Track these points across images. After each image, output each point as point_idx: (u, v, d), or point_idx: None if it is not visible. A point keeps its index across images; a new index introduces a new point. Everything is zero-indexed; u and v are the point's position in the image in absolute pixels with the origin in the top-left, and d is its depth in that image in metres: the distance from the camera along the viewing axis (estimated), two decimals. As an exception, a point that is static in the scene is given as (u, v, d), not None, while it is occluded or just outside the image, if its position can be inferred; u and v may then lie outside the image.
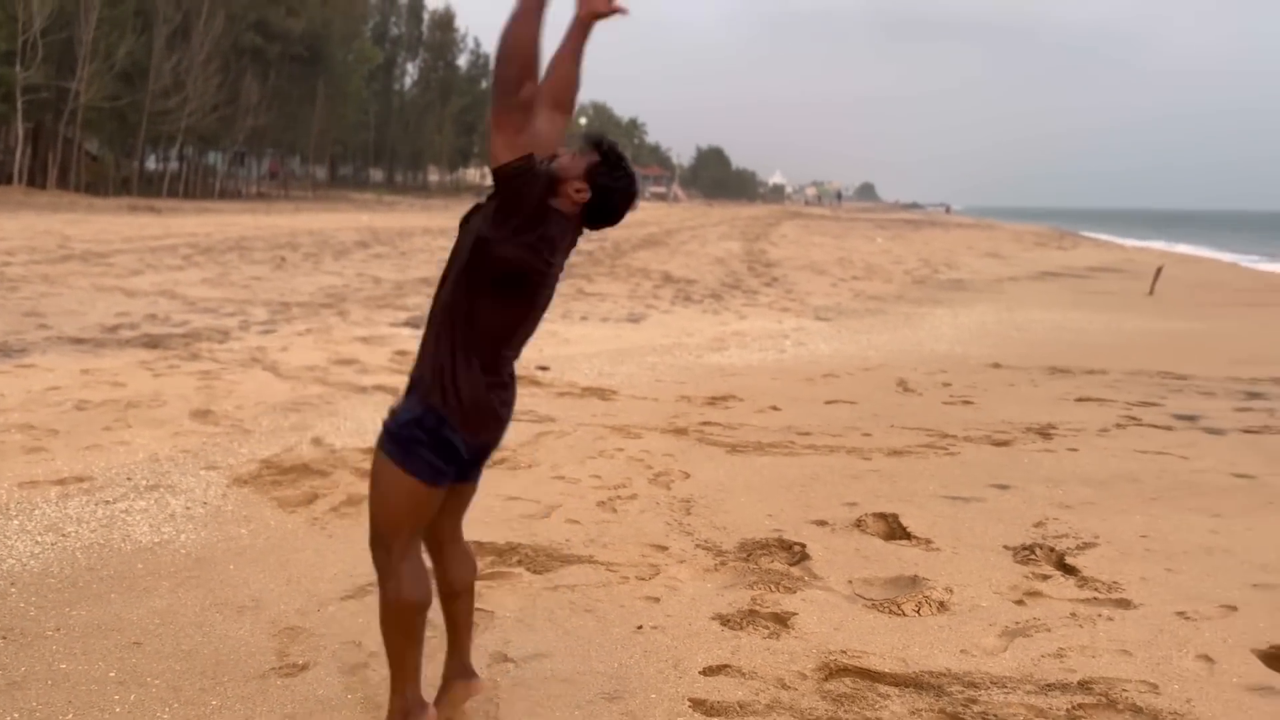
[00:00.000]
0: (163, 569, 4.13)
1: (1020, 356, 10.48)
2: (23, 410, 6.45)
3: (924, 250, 30.83)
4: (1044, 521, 4.96)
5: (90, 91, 43.55)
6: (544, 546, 4.50)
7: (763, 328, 12.43)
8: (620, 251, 25.05)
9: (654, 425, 6.91)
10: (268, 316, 11.17)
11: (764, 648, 3.56)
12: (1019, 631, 3.70)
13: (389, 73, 79.44)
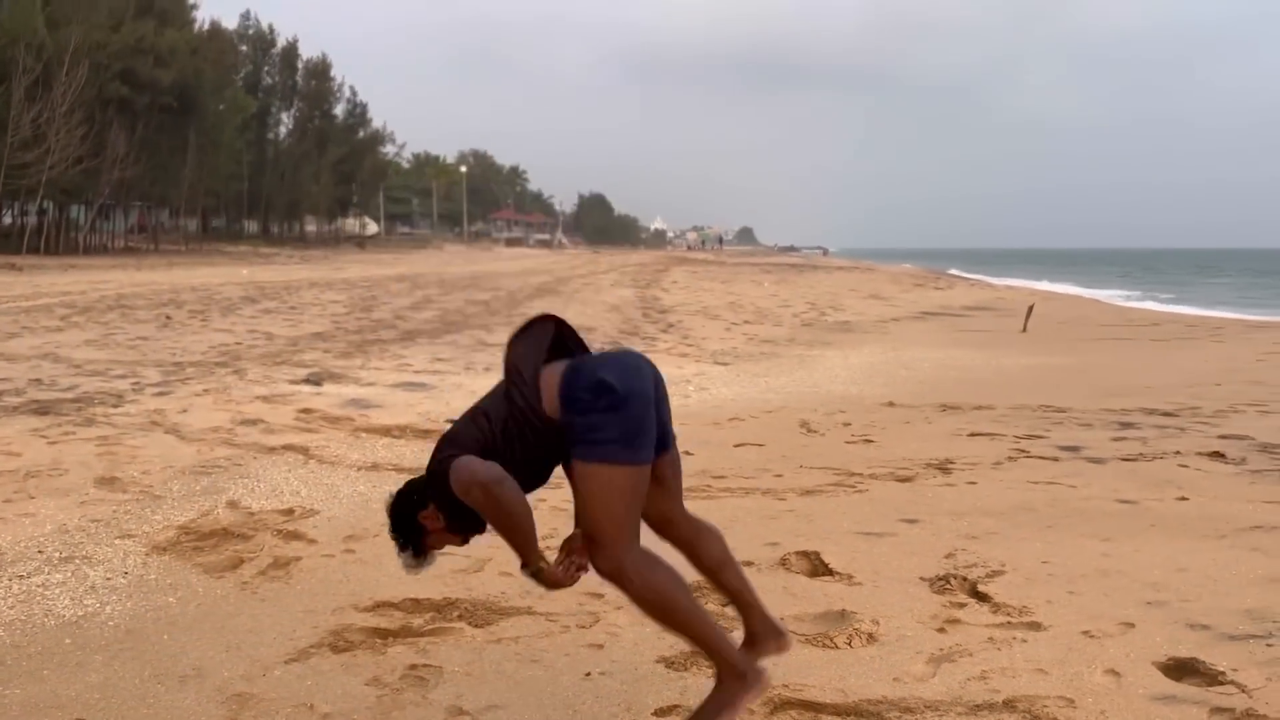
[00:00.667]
0: (92, 642, 4.04)
1: (912, 395, 10.97)
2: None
3: (809, 294, 31.80)
4: (954, 552, 5.26)
5: (-56, 145, 41.51)
6: (481, 600, 4.56)
7: (665, 374, 12.64)
8: (515, 301, 25.10)
9: (571, 474, 7.01)
10: (161, 377, 10.86)
11: (710, 686, 3.69)
12: (944, 657, 3.94)
13: (263, 122, 78.11)
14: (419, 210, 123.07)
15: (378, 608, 4.45)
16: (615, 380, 2.82)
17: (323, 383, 10.82)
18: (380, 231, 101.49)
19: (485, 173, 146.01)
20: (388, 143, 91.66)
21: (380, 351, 14.03)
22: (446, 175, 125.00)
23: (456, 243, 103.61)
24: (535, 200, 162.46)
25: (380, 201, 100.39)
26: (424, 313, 21.05)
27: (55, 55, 46.39)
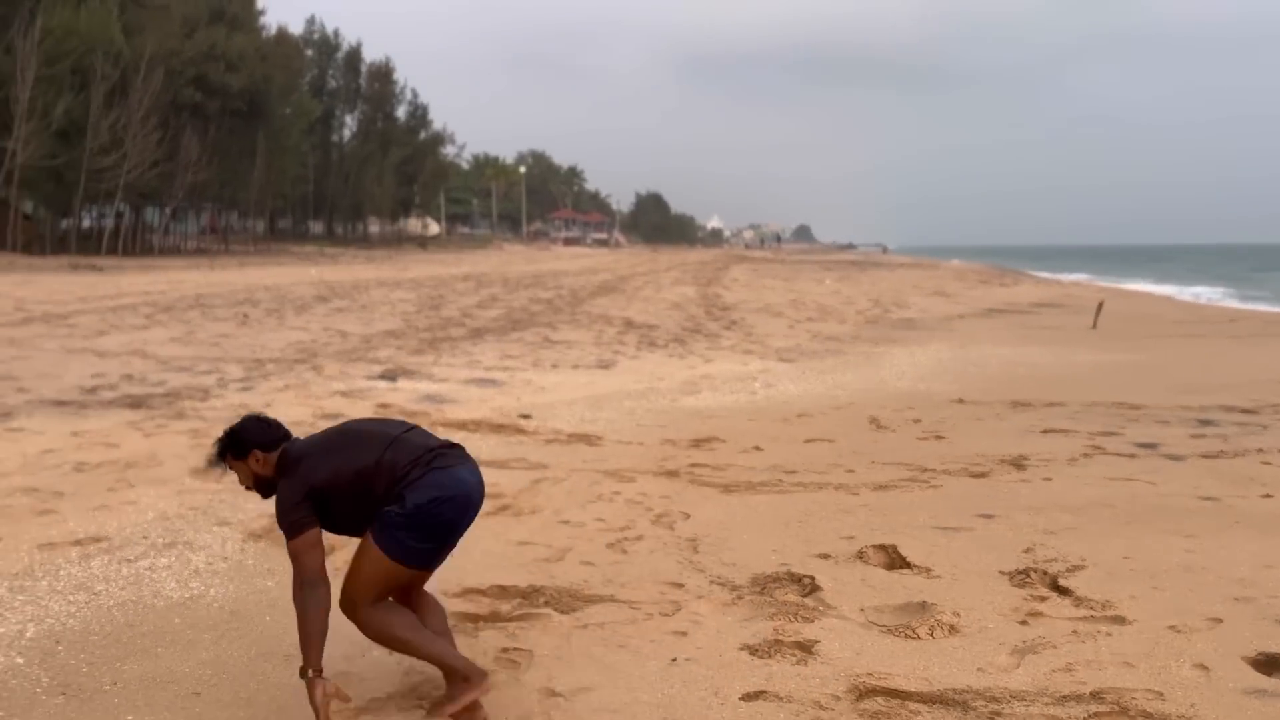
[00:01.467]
0: (201, 622, 4.24)
1: (981, 391, 10.90)
2: (24, 474, 6.47)
3: (872, 290, 31.59)
4: (1032, 547, 5.26)
5: (27, 151, 42.98)
6: (565, 588, 4.68)
7: (730, 370, 12.75)
8: (578, 299, 25.32)
9: (645, 468, 7.12)
10: (243, 373, 11.21)
11: (795, 674, 3.78)
12: (1028, 649, 3.97)
13: (327, 125, 79.44)
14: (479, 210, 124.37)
15: (467, 594, 4.59)
16: (449, 517, 3.33)
17: (398, 378, 11.08)
18: (441, 232, 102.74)
19: (543, 173, 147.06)
20: (448, 144, 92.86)
21: (451, 348, 14.29)
22: (506, 176, 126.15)
23: (515, 242, 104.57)
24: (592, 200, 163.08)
25: (441, 202, 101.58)
26: (490, 311, 21.35)
27: (131, 62, 47.77)
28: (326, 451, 3.34)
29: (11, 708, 3.42)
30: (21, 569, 4.80)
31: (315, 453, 3.34)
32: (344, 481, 3.27)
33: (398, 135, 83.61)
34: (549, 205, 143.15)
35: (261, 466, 3.37)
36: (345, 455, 3.32)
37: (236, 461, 3.40)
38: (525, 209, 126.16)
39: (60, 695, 3.53)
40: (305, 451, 3.35)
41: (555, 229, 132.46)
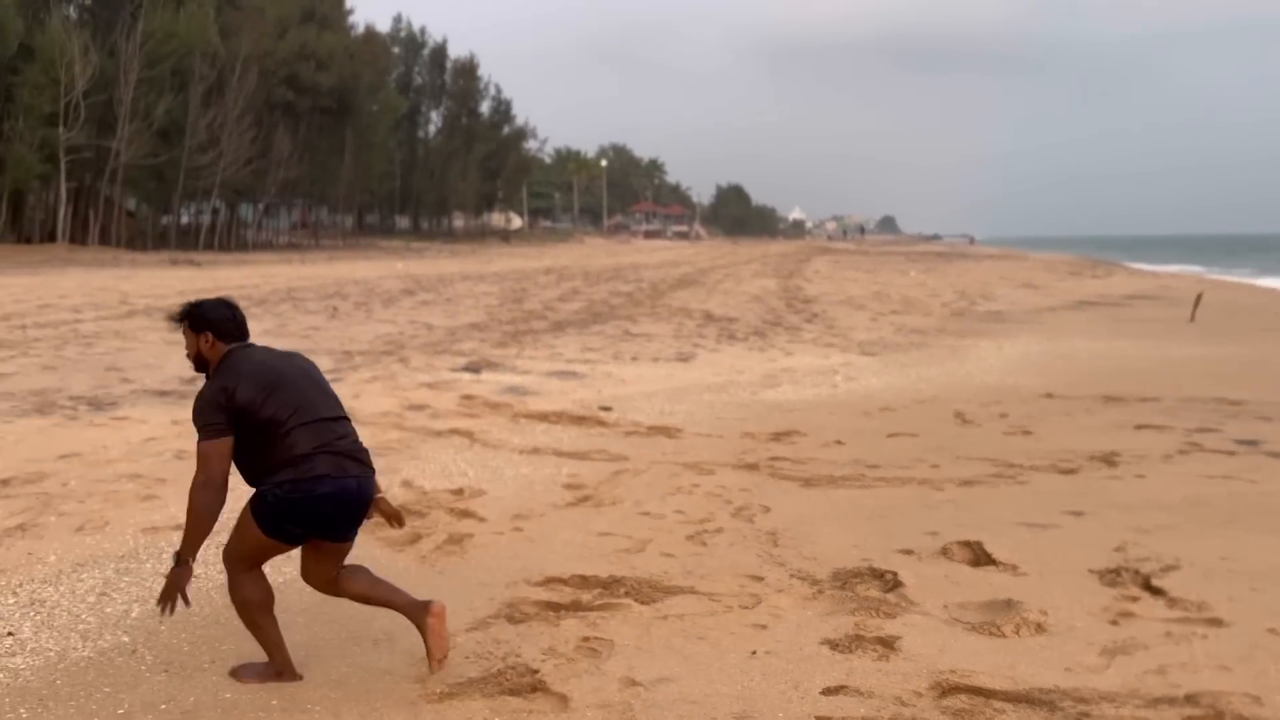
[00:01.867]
0: (294, 606, 4.38)
1: (1071, 386, 10.63)
2: (128, 460, 6.76)
3: (958, 282, 31.00)
4: (1124, 546, 5.12)
5: (130, 150, 44.75)
6: (645, 579, 4.71)
7: (811, 364, 12.65)
8: (659, 292, 25.38)
9: (724, 461, 7.13)
10: (333, 365, 11.52)
11: (876, 669, 3.75)
12: (1118, 650, 3.87)
13: (413, 121, 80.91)
14: (560, 204, 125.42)
15: (548, 583, 4.66)
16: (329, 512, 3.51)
17: (482, 370, 11.26)
18: (524, 225, 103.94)
19: (624, 166, 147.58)
20: (530, 139, 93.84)
21: (533, 341, 14.47)
22: (587, 169, 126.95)
23: (596, 236, 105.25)
24: (673, 192, 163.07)
25: (524, 196, 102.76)
26: (571, 304, 21.53)
27: (227, 63, 49.36)
28: (259, 384, 3.44)
29: (118, 683, 3.59)
30: (127, 551, 5.02)
31: (251, 376, 3.46)
32: (254, 419, 3.41)
33: (481, 131, 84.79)
34: (630, 198, 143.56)
35: (209, 349, 3.56)
36: (272, 399, 3.43)
37: (190, 331, 3.58)
38: (606, 202, 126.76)
39: (163, 672, 3.69)
40: (243, 369, 3.48)
41: (635, 222, 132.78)
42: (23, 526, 5.35)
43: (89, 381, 9.96)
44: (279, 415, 3.42)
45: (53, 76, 41.76)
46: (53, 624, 4.11)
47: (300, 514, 3.45)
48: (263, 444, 3.43)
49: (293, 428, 3.43)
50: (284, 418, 3.43)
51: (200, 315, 3.57)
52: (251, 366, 3.51)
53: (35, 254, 38.41)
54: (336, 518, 3.52)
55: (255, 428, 3.42)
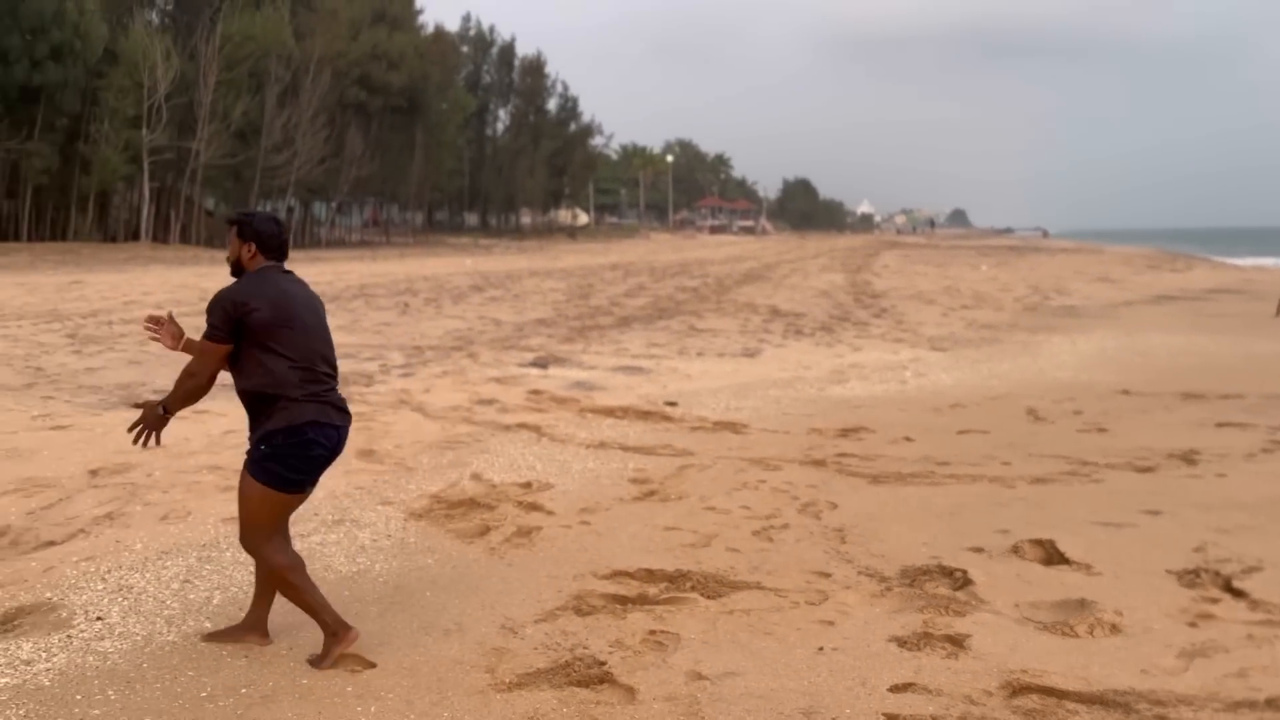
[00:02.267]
0: (367, 595, 4.49)
1: (1148, 382, 10.36)
2: (208, 453, 6.98)
3: (1031, 276, 30.38)
4: (1203, 546, 5.00)
5: (209, 151, 45.96)
6: (711, 574, 4.73)
7: (880, 359, 12.52)
8: (724, 287, 25.31)
9: (791, 457, 7.10)
10: (404, 360, 11.72)
11: (945, 667, 3.72)
12: (1197, 652, 3.79)
13: (482, 119, 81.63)
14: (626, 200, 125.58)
15: (615, 576, 4.70)
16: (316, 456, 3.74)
17: (549, 366, 11.37)
18: (590, 222, 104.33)
19: (690, 161, 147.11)
20: (596, 135, 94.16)
21: (599, 337, 14.55)
22: (653, 165, 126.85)
23: (662, 231, 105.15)
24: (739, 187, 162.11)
25: (590, 192, 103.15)
26: (637, 300, 21.59)
27: (302, 64, 50.40)
28: (277, 314, 3.64)
29: (200, 668, 3.71)
30: (209, 540, 5.18)
31: (274, 303, 3.65)
32: (259, 343, 3.61)
33: (548, 128, 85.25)
34: (695, 194, 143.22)
35: (249, 259, 3.77)
36: (283, 333, 3.64)
37: (237, 237, 3.78)
38: (672, 198, 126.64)
39: (243, 658, 3.81)
40: (269, 292, 3.66)
41: (701, 217, 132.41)
42: (111, 515, 5.56)
43: (171, 376, 10.22)
44: (285, 351, 3.63)
45: (136, 80, 43.05)
46: (140, 609, 4.27)
47: (298, 460, 3.68)
48: (261, 371, 3.63)
49: (292, 368, 3.64)
50: (290, 355, 3.64)
51: (250, 224, 3.78)
52: (277, 293, 3.69)
53: (120, 252, 39.71)
54: (319, 464, 3.76)
55: (259, 348, 3.62)
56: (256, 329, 3.61)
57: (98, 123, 42.87)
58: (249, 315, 3.60)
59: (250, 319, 3.60)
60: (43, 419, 8.09)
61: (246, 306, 3.60)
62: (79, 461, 6.69)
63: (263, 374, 3.64)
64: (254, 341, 3.62)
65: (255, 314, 3.60)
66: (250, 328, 3.60)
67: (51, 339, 13.48)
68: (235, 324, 3.60)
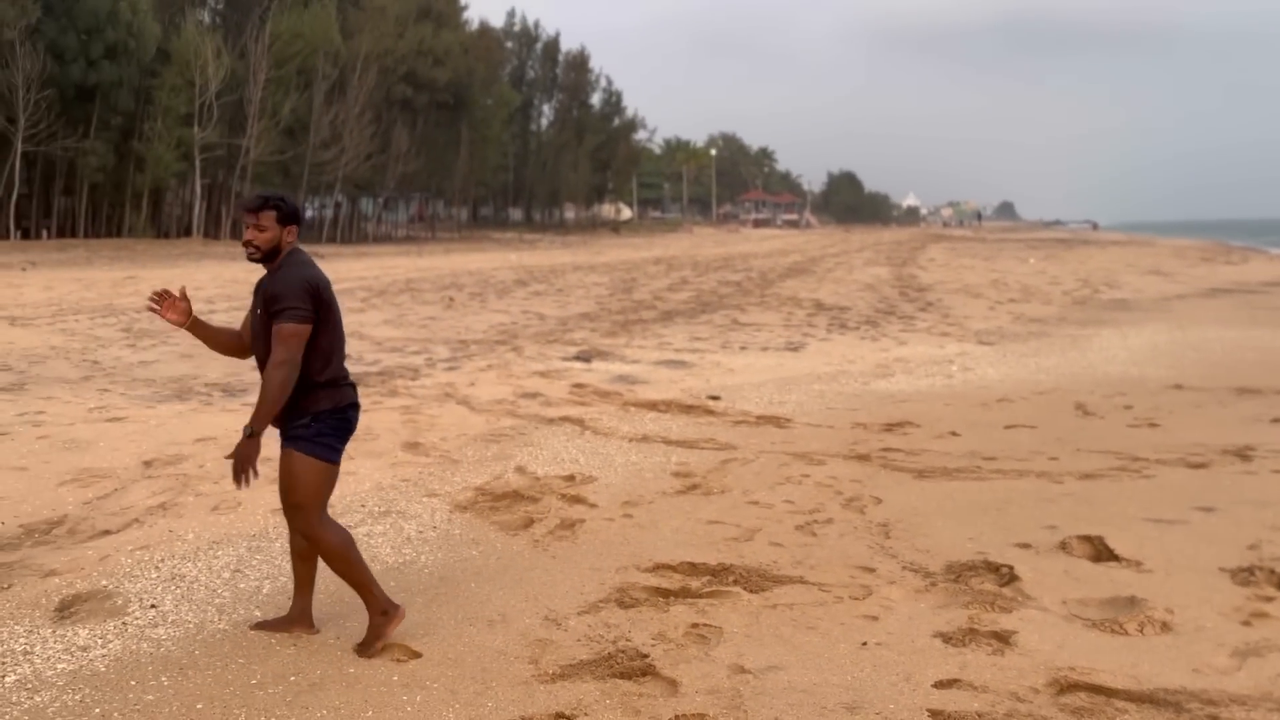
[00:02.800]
0: (413, 586, 4.54)
1: (1202, 377, 10.16)
2: (258, 444, 7.08)
3: (1080, 269, 29.89)
4: (1258, 544, 4.90)
5: (259, 147, 46.68)
6: (754, 567, 4.72)
7: (925, 353, 12.40)
8: (768, 281, 25.21)
9: (835, 452, 7.06)
10: (449, 354, 11.83)
11: (991, 664, 3.68)
12: (1251, 651, 3.71)
13: (526, 114, 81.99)
14: (669, 194, 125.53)
15: (657, 569, 4.71)
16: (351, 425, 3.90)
17: (592, 360, 11.41)
18: (633, 216, 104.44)
19: (734, 155, 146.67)
20: (640, 129, 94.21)
21: (642, 330, 14.57)
22: (696, 159, 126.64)
23: (705, 225, 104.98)
24: (783, 180, 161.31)
25: (633, 187, 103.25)
26: (680, 294, 21.57)
27: (349, 62, 51.00)
28: (331, 294, 3.73)
29: (250, 655, 3.78)
30: (258, 531, 5.28)
31: (328, 284, 3.73)
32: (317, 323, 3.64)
33: (592, 123, 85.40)
34: (739, 187, 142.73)
35: (286, 240, 3.72)
36: (332, 315, 3.73)
37: (276, 221, 3.69)
38: (715, 191, 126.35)
39: (291, 646, 3.87)
40: (316, 274, 3.69)
41: (745, 211, 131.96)
42: (164, 505, 5.68)
43: (222, 369, 10.47)
44: (332, 335, 3.71)
45: (188, 78, 43.85)
46: (192, 598, 4.36)
47: (343, 433, 3.82)
48: (314, 354, 3.64)
49: (335, 351, 3.74)
50: (335, 337, 3.73)
51: (293, 209, 3.74)
52: (320, 274, 3.73)
53: (173, 248, 40.47)
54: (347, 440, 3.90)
55: (315, 330, 3.64)
56: (321, 311, 3.66)
57: (151, 121, 43.77)
58: (321, 293, 3.65)
59: (324, 297, 3.67)
60: (99, 411, 8.28)
61: (318, 285, 3.65)
62: (133, 452, 6.84)
63: (316, 356, 3.66)
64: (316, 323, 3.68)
65: (325, 295, 3.67)
66: (326, 305, 3.68)
67: (107, 333, 13.79)
68: (316, 302, 3.63)
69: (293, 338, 3.57)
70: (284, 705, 3.38)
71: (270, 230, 3.70)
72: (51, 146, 40.65)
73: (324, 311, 3.66)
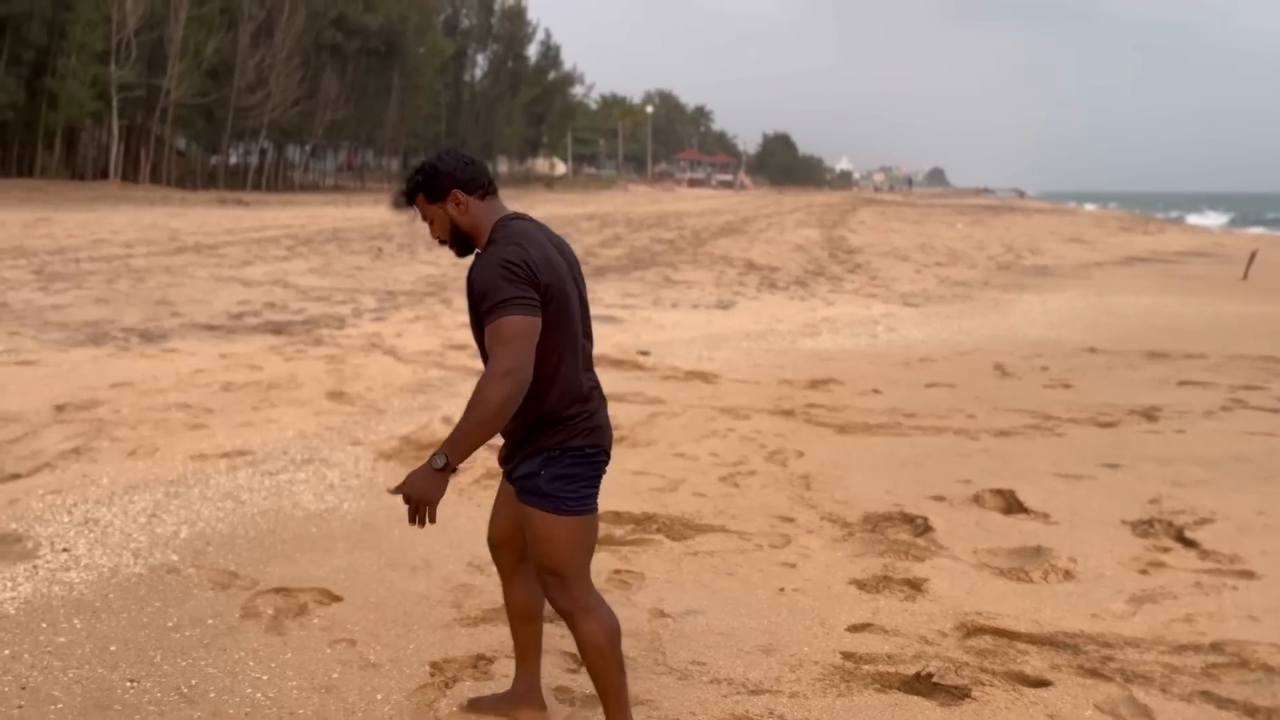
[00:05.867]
0: (335, 532, 4.52)
1: (1115, 341, 10.50)
2: (177, 391, 6.95)
3: (1005, 236, 30.52)
4: (1159, 499, 5.11)
5: (180, 89, 45.10)
6: (677, 516, 4.79)
7: (852, 314, 12.59)
8: (700, 240, 25.27)
9: (760, 407, 7.16)
10: (376, 304, 11.67)
11: (902, 609, 3.80)
12: (1146, 598, 3.89)
13: (460, 64, 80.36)
14: (605, 151, 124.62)
15: (582, 518, 4.74)
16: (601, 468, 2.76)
17: (521, 313, 11.34)
18: (568, 172, 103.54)
19: (670, 113, 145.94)
20: (577, 84, 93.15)
21: (573, 286, 14.51)
22: (632, 116, 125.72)
23: (640, 183, 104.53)
24: (719, 141, 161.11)
25: (568, 142, 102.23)
26: (613, 250, 21.53)
27: (277, 3, 49.37)
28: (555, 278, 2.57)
29: (167, 599, 3.74)
30: (176, 477, 5.18)
31: (547, 264, 2.56)
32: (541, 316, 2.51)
33: (528, 75, 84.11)
34: (675, 146, 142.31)
35: (461, 213, 2.63)
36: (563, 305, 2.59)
37: (430, 205, 2.64)
38: (651, 150, 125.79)
39: (210, 590, 3.84)
40: (531, 250, 2.54)
41: (680, 170, 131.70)
42: (78, 450, 5.54)
43: (140, 314, 10.19)
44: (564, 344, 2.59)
45: (104, 14, 42.03)
46: (106, 542, 4.28)
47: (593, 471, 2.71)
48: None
49: (564, 358, 2.60)
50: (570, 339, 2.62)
51: (435, 175, 2.62)
52: (543, 254, 2.57)
53: (89, 190, 39.03)
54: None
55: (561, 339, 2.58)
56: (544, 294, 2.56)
57: (65, 57, 41.90)
58: (537, 272, 2.55)
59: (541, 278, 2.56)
60: (8, 354, 8.01)
61: (530, 262, 2.52)
62: (45, 397, 6.65)
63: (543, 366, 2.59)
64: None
65: (542, 272, 2.57)
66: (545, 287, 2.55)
67: (17, 275, 13.29)
68: (536, 287, 2.50)
69: (518, 336, 2.42)
70: (201, 648, 3.36)
71: (436, 216, 2.65)
72: (-42, 81, 38.80)
73: (546, 302, 2.52)
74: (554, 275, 2.56)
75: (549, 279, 2.53)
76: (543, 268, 2.53)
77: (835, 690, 3.17)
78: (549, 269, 2.55)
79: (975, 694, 3.14)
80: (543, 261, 2.54)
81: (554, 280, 2.55)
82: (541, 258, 2.55)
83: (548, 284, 2.52)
